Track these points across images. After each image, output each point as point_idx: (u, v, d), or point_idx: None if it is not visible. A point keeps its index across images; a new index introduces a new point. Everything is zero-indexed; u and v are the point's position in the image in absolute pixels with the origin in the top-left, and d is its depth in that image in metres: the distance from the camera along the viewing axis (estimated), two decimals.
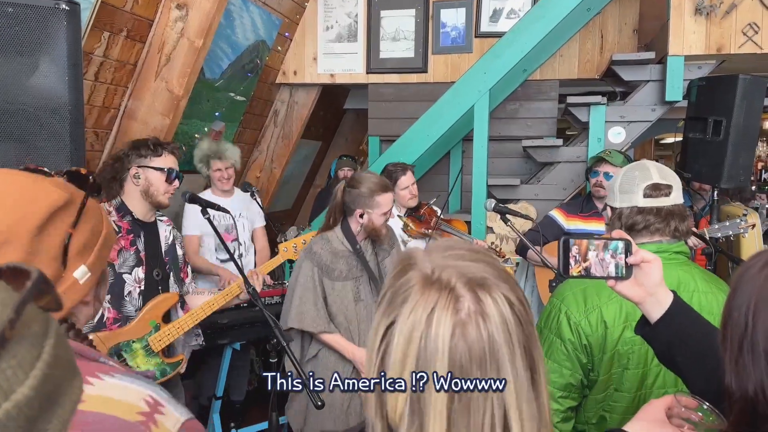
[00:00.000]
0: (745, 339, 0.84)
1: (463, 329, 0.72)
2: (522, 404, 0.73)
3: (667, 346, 1.14)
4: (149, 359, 2.29)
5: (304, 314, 2.48)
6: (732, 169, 3.34)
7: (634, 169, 1.60)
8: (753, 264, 0.88)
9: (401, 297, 0.77)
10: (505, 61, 3.81)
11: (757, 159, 7.27)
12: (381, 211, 2.56)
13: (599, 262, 1.15)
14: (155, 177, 2.37)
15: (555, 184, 4.07)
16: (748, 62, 3.74)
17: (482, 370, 0.72)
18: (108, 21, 3.08)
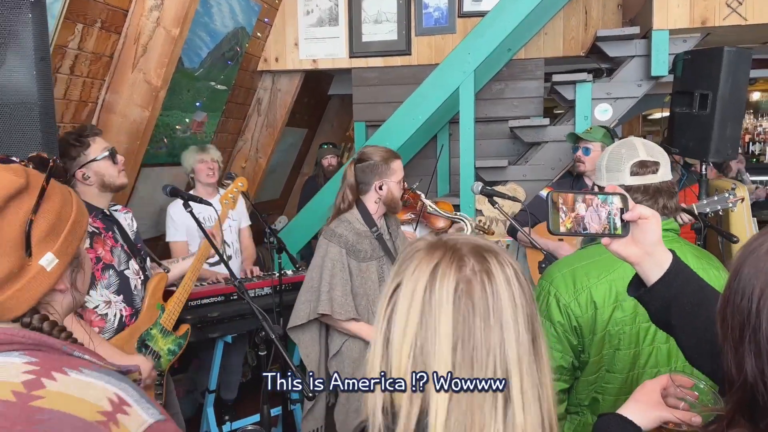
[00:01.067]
0: (746, 328, 0.79)
1: (468, 285, 0.74)
2: (523, 365, 0.73)
3: (664, 307, 1.07)
4: (167, 339, 2.43)
5: (335, 300, 2.42)
6: (719, 143, 3.33)
7: (621, 147, 1.57)
8: (759, 245, 0.82)
9: (408, 261, 0.79)
10: (489, 41, 3.75)
11: (745, 132, 7.28)
12: (397, 178, 2.57)
13: (591, 219, 1.05)
14: (102, 166, 2.31)
15: (543, 164, 4.04)
16: (733, 34, 3.70)
17: (485, 323, 0.73)
18: (81, 12, 2.99)
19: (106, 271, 2.26)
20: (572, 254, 1.63)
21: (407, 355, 0.74)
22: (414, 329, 0.74)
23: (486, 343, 0.73)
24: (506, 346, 0.73)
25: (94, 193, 2.32)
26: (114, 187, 2.35)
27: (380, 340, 0.78)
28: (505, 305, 0.74)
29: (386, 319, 0.78)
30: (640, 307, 1.49)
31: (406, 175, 3.63)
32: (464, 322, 0.73)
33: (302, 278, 3.52)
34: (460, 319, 0.73)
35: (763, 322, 0.77)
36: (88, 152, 2.30)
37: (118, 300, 2.27)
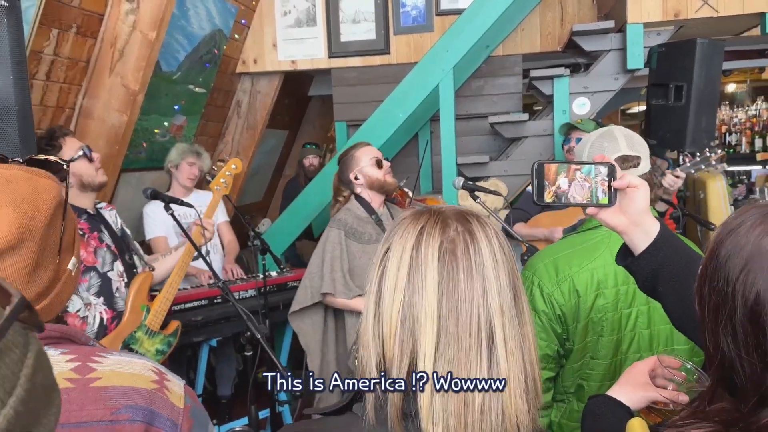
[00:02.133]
0: (722, 310, 0.80)
1: (451, 244, 0.80)
2: (505, 315, 0.78)
3: (652, 275, 1.08)
4: (154, 339, 2.40)
5: (336, 281, 2.55)
6: (695, 133, 3.38)
7: (603, 140, 1.58)
8: (738, 225, 0.81)
9: (396, 227, 0.85)
10: (467, 38, 3.78)
11: (721, 123, 7.40)
12: (366, 162, 2.61)
13: (577, 188, 1.05)
14: (79, 166, 2.29)
15: (524, 158, 4.07)
16: (706, 26, 3.76)
17: (468, 277, 0.78)
18: (56, 17, 2.96)
19: (86, 273, 2.24)
20: (554, 244, 1.65)
21: (397, 310, 0.79)
22: (403, 286, 0.79)
23: (470, 295, 0.78)
24: (488, 297, 0.78)
25: (75, 194, 2.30)
26: (94, 185, 2.33)
27: (372, 300, 0.83)
28: (486, 260, 0.80)
29: (377, 281, 0.83)
30: (621, 294, 1.52)
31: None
32: (448, 276, 0.78)
33: (287, 279, 3.55)
34: (445, 274, 0.78)
35: (738, 305, 0.77)
36: (62, 154, 2.28)
37: (98, 302, 2.25)
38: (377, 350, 0.82)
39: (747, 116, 7.48)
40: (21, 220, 0.83)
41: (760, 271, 0.76)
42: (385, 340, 0.81)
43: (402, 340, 0.79)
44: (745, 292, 0.77)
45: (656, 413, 1.10)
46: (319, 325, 2.68)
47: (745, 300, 0.76)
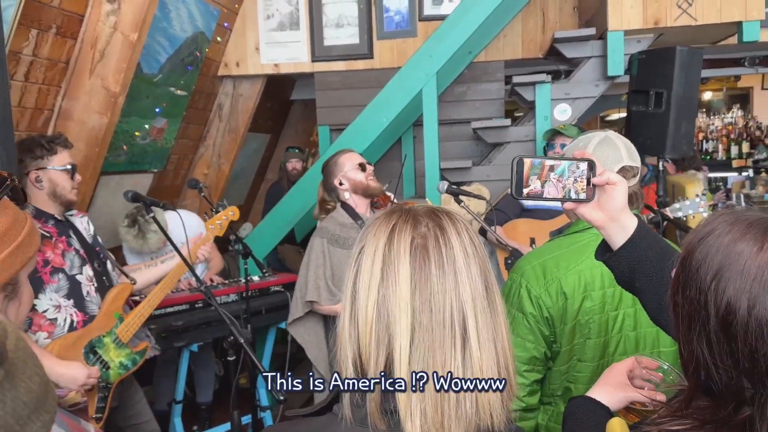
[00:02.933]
0: (696, 318, 0.80)
1: (423, 239, 0.81)
2: (477, 307, 0.80)
3: (629, 270, 1.10)
4: (120, 351, 2.32)
5: (320, 289, 2.58)
6: (675, 139, 3.43)
7: (605, 147, 1.57)
8: (708, 232, 0.82)
9: (369, 227, 0.86)
10: (450, 44, 3.80)
11: (698, 130, 7.52)
12: (350, 167, 2.63)
13: (556, 183, 1.06)
14: (59, 177, 2.29)
15: (506, 164, 4.09)
16: (685, 34, 3.83)
17: (440, 271, 0.80)
18: (35, 18, 2.91)
19: (55, 274, 2.21)
20: (541, 246, 1.65)
21: (372, 305, 0.80)
22: (377, 282, 0.81)
23: (442, 287, 0.80)
24: (460, 290, 0.80)
25: (44, 200, 2.29)
26: (63, 200, 2.32)
27: (348, 299, 0.84)
28: (457, 253, 0.81)
29: (352, 280, 0.84)
30: (608, 296, 1.52)
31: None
32: (420, 271, 0.80)
33: (269, 284, 3.53)
34: (417, 268, 0.80)
35: (711, 314, 0.77)
36: (52, 159, 2.28)
37: (68, 304, 2.22)
38: (353, 349, 0.83)
39: (723, 124, 7.62)
40: None
41: (730, 280, 0.76)
42: (360, 338, 0.81)
43: (378, 336, 0.80)
44: (716, 300, 0.77)
45: (635, 413, 1.12)
46: (320, 334, 2.69)
47: (717, 309, 0.77)
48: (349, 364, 0.83)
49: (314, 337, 2.69)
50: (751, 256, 0.76)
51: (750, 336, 0.74)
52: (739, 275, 0.76)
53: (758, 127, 7.47)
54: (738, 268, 0.76)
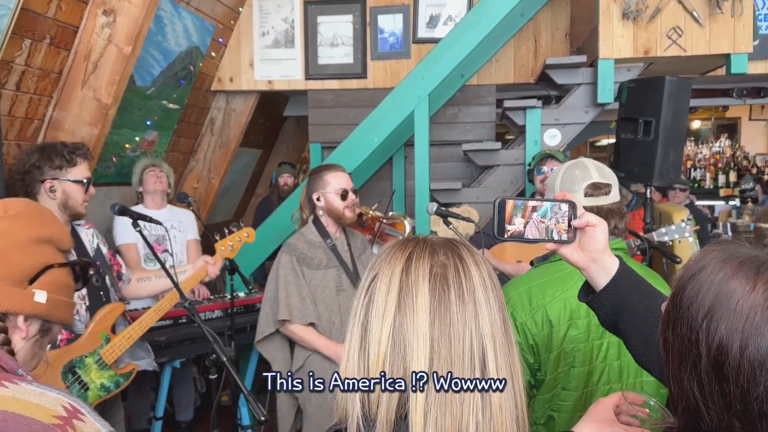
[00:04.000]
0: (687, 356, 0.78)
1: (442, 268, 0.78)
2: (497, 340, 0.77)
3: (612, 312, 1.10)
4: (102, 372, 2.24)
5: (292, 306, 2.51)
6: (663, 167, 3.46)
7: (574, 168, 1.61)
8: (699, 270, 0.80)
9: (382, 255, 0.83)
10: (443, 67, 3.83)
11: (686, 158, 7.60)
12: (333, 189, 2.60)
13: (538, 225, 1.06)
14: (74, 190, 2.28)
15: (495, 186, 4.12)
16: (674, 64, 3.89)
17: (460, 300, 0.77)
18: (29, 28, 2.91)
19: None
20: (527, 273, 1.65)
21: (387, 334, 0.76)
22: (393, 310, 0.77)
23: (462, 318, 0.76)
24: (480, 321, 0.77)
25: (53, 209, 2.26)
26: (73, 212, 2.30)
27: (357, 329, 0.80)
28: (477, 284, 0.79)
29: (363, 307, 0.80)
30: (593, 324, 1.52)
31: (363, 196, 3.65)
32: (440, 299, 0.77)
33: (255, 300, 3.50)
34: (436, 296, 0.77)
35: (702, 353, 0.76)
36: (70, 170, 2.27)
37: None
38: None
39: (711, 152, 7.71)
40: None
41: (722, 319, 0.74)
42: (371, 369, 0.77)
43: (392, 366, 0.76)
44: (708, 339, 0.75)
45: None
46: (286, 349, 2.65)
47: (709, 348, 0.75)
48: (357, 401, 0.78)
49: (280, 353, 2.65)
50: (744, 295, 0.74)
51: (742, 378, 0.72)
52: (732, 315, 0.74)
53: (745, 157, 7.57)
54: (730, 307, 0.74)
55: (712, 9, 3.57)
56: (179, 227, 3.60)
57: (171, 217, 3.57)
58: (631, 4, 3.57)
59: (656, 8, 3.60)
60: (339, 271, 2.59)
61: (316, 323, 2.52)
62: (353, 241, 2.76)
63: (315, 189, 2.64)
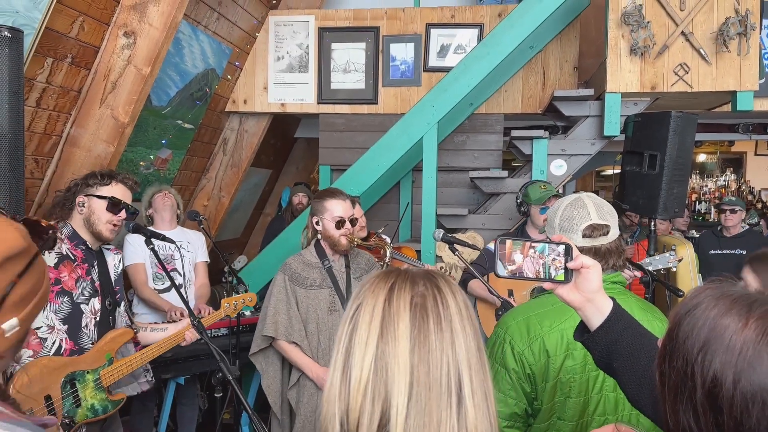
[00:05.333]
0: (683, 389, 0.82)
1: (421, 298, 0.84)
2: (472, 367, 0.82)
3: (606, 351, 1.14)
4: (96, 393, 2.25)
5: (279, 323, 2.60)
6: (667, 201, 3.50)
7: (573, 208, 1.63)
8: (695, 305, 0.85)
9: (365, 285, 0.89)
10: (452, 96, 3.91)
11: (691, 191, 7.63)
12: (331, 215, 2.65)
13: (533, 264, 1.11)
14: (98, 205, 2.34)
15: (501, 213, 4.17)
16: (680, 100, 3.95)
17: (438, 328, 0.82)
18: (52, 47, 3.01)
19: (61, 296, 2.21)
20: (526, 303, 1.69)
21: (369, 360, 0.81)
22: (375, 337, 0.82)
23: (440, 345, 0.82)
24: (457, 349, 0.82)
25: (80, 225, 2.34)
26: (95, 230, 2.33)
27: (341, 356, 0.85)
28: (453, 313, 0.84)
29: (347, 336, 0.85)
30: (589, 356, 1.56)
31: (370, 218, 3.70)
32: (419, 328, 0.82)
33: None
34: (416, 325, 0.82)
35: (697, 385, 0.80)
36: (102, 188, 2.35)
37: (61, 329, 2.21)
38: (342, 407, 0.82)
39: (716, 186, 7.73)
40: None
41: (716, 353, 0.79)
42: (351, 394, 0.82)
43: (374, 392, 0.80)
44: (703, 372, 0.79)
45: None
46: (276, 364, 2.71)
47: (704, 380, 0.79)
48: (336, 423, 0.82)
49: (271, 366, 2.72)
50: (737, 331, 0.79)
51: (735, 409, 0.76)
52: (725, 350, 0.78)
53: (750, 192, 7.59)
54: (724, 342, 0.79)
55: (719, 47, 3.64)
56: (188, 248, 3.65)
57: (181, 238, 3.62)
58: (639, 41, 3.64)
59: (664, 45, 3.67)
60: (332, 292, 2.66)
61: (299, 343, 2.59)
62: (355, 262, 2.80)
63: (315, 213, 2.72)
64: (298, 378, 2.63)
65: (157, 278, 3.48)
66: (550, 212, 1.70)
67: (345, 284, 2.70)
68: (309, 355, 2.59)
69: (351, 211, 2.74)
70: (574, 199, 1.66)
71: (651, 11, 3.67)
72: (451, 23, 4.53)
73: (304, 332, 2.61)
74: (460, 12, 4.55)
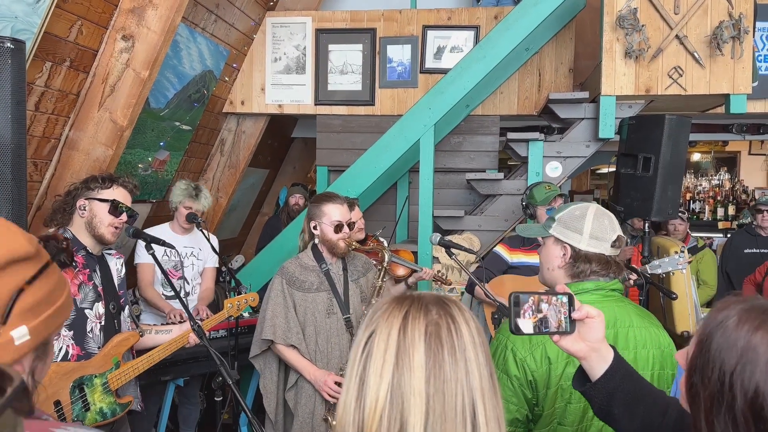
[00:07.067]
0: (720, 400, 0.84)
1: (436, 327, 0.85)
2: (485, 394, 0.84)
3: (607, 398, 1.16)
4: (105, 397, 2.28)
5: (277, 327, 2.61)
6: (661, 203, 3.55)
7: (603, 218, 1.64)
8: (726, 318, 0.87)
9: (379, 311, 0.89)
10: (449, 98, 3.94)
11: (686, 190, 7.68)
12: (329, 220, 2.67)
13: (546, 315, 1.14)
14: (99, 208, 2.35)
15: (497, 215, 4.20)
16: (675, 102, 3.99)
17: (452, 358, 0.84)
18: (51, 51, 3.01)
19: None
20: None
21: (385, 390, 0.82)
22: (391, 368, 0.83)
23: (454, 375, 0.83)
24: (471, 378, 0.84)
25: (82, 229, 2.34)
26: (97, 233, 2.34)
27: (355, 382, 0.86)
28: (467, 342, 0.85)
29: (361, 363, 0.86)
30: None
31: (368, 220, 3.73)
32: (434, 358, 0.83)
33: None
34: (431, 355, 0.83)
35: (738, 397, 0.83)
36: (102, 192, 2.36)
37: (67, 335, 2.22)
38: None
39: (711, 185, 7.80)
40: None
41: (756, 366, 0.82)
42: (366, 423, 0.83)
43: (390, 422, 0.81)
44: (743, 384, 0.83)
45: None
46: (273, 366, 2.74)
47: (745, 391, 0.83)
48: None
49: (268, 368, 2.75)
50: None
51: None
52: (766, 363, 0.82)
53: (744, 191, 7.65)
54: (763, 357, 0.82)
55: (712, 51, 3.68)
56: (198, 255, 3.63)
57: (193, 243, 3.60)
58: (633, 44, 3.68)
59: (658, 48, 3.71)
60: (330, 295, 2.68)
61: (297, 346, 2.61)
62: (352, 264, 2.83)
63: (312, 218, 2.73)
64: (297, 380, 2.66)
65: (164, 284, 3.48)
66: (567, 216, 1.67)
67: (342, 287, 2.73)
68: (307, 358, 2.62)
69: (348, 215, 2.77)
70: (603, 210, 1.66)
71: (646, 15, 3.71)
72: (447, 25, 4.55)
73: (301, 335, 2.63)
74: (457, 14, 4.57)
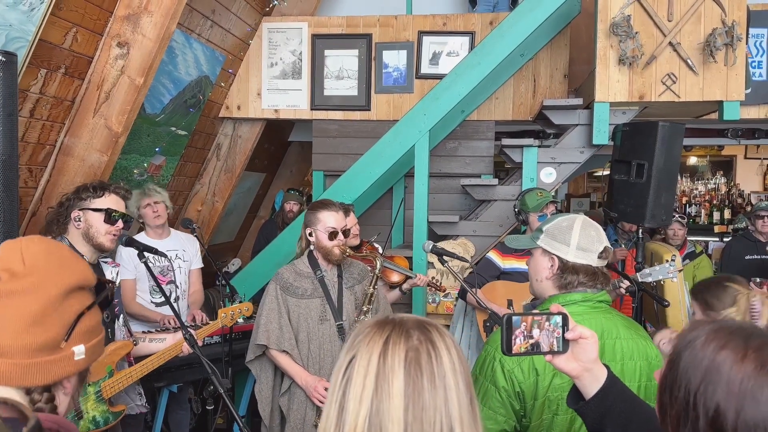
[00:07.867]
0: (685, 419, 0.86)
1: (416, 353, 0.84)
2: (464, 421, 0.84)
3: (600, 417, 1.17)
4: (97, 405, 2.29)
5: (270, 332, 2.64)
6: (655, 209, 3.56)
7: (590, 229, 1.66)
8: (695, 337, 0.89)
9: (360, 336, 0.89)
10: (444, 104, 3.95)
11: (682, 194, 7.69)
12: (324, 227, 2.69)
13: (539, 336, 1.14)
14: (94, 218, 2.36)
15: (492, 221, 4.21)
16: (668, 109, 4.00)
17: (431, 385, 0.84)
18: (45, 58, 3.02)
19: None
20: None
21: (364, 417, 0.82)
22: (370, 394, 0.83)
23: (433, 403, 0.82)
24: (449, 405, 0.83)
25: (79, 239, 2.35)
26: (95, 242, 2.35)
27: (335, 408, 0.85)
28: (447, 369, 0.85)
29: (341, 388, 0.86)
30: None
31: (363, 225, 3.73)
32: (414, 385, 0.83)
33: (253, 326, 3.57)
34: (410, 383, 0.83)
35: (700, 416, 0.85)
36: (94, 201, 2.36)
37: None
38: None
39: (706, 189, 7.81)
40: (39, 265, 0.96)
41: (718, 385, 0.84)
42: None
43: None
44: (706, 403, 0.85)
45: None
46: (268, 370, 2.76)
47: (707, 410, 0.84)
48: None
49: (264, 373, 2.77)
50: (736, 362, 0.84)
51: None
52: (726, 382, 0.84)
53: (740, 195, 7.66)
54: (724, 374, 0.84)
55: (706, 58, 3.69)
56: (183, 257, 3.65)
57: (176, 245, 3.62)
58: (627, 51, 3.69)
59: (652, 55, 3.73)
60: (323, 302, 2.71)
61: (290, 352, 2.64)
62: (348, 272, 2.84)
63: (308, 224, 2.75)
64: (290, 385, 2.69)
65: (154, 291, 3.49)
66: (553, 227, 1.69)
67: (336, 294, 2.74)
68: (300, 364, 2.64)
69: (344, 222, 2.78)
70: (590, 221, 1.68)
71: (639, 22, 3.72)
72: (443, 31, 4.57)
73: (294, 341, 2.65)
74: (452, 20, 4.58)
